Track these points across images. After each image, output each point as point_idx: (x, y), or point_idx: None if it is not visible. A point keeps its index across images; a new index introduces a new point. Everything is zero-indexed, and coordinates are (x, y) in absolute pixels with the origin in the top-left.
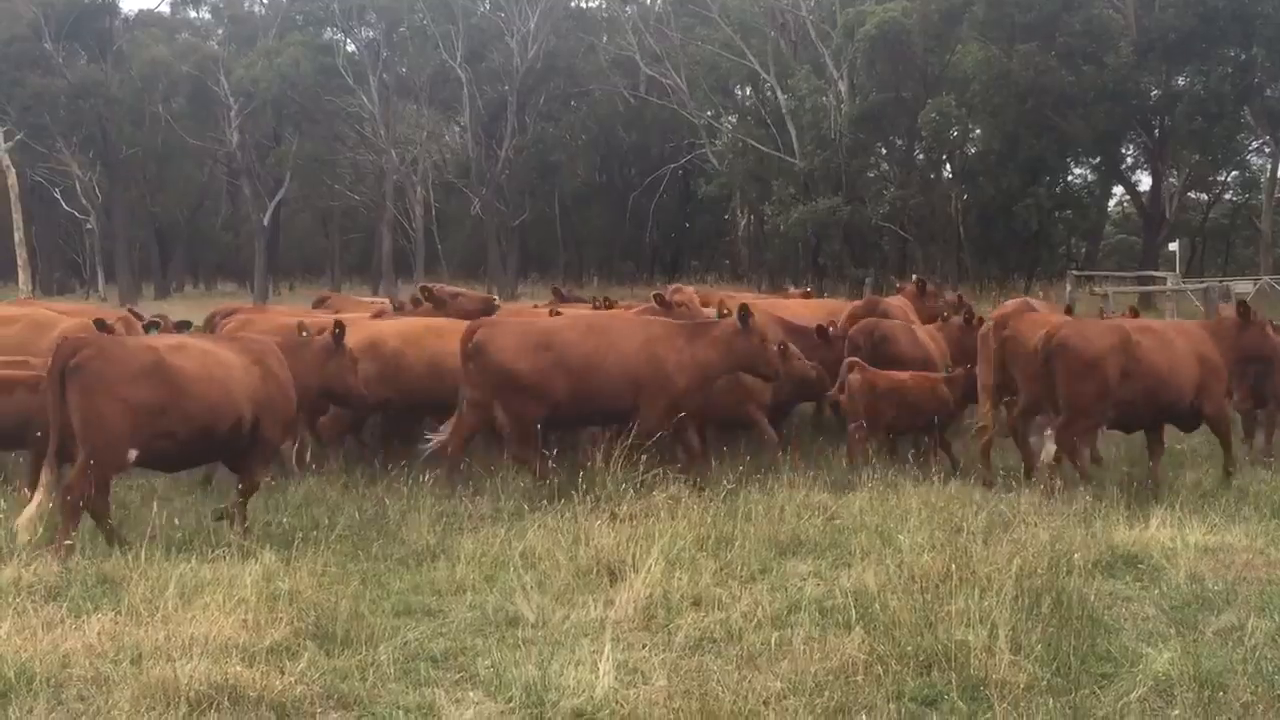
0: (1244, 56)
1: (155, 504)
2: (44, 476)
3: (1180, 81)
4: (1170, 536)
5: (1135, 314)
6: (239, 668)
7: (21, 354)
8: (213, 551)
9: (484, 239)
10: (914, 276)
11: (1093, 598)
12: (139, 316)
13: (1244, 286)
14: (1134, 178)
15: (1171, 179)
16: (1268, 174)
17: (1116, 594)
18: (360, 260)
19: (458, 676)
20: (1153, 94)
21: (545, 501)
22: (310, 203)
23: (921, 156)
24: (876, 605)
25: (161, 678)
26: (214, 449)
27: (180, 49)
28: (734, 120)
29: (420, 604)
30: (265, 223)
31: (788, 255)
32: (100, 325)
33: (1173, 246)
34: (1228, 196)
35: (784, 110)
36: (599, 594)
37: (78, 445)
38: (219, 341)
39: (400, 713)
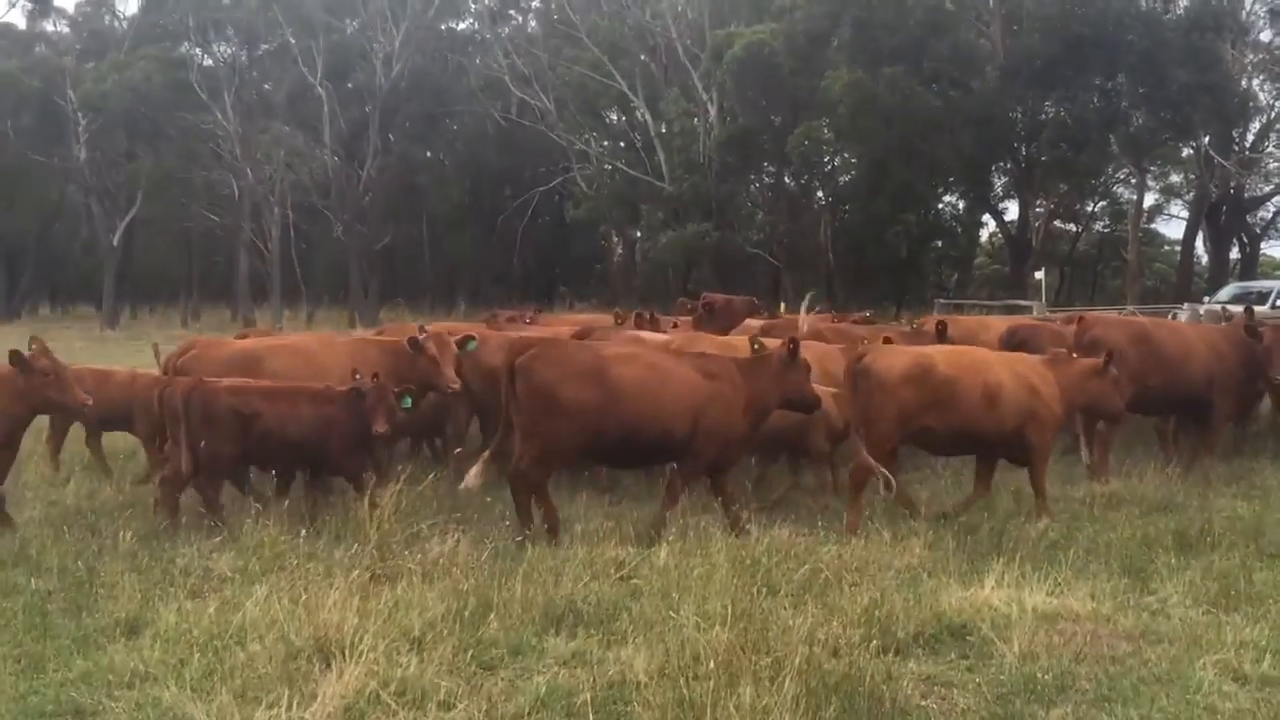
0: (1109, 84)
1: None
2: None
3: (1047, 108)
4: (1006, 599)
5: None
6: None
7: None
8: None
9: (346, 263)
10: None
11: (906, 686)
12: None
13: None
14: (1003, 206)
15: (1040, 208)
16: (1134, 205)
17: (936, 678)
18: (224, 284)
19: None
20: (1019, 120)
21: (293, 560)
22: (167, 224)
23: (791, 182)
24: (635, 704)
25: None
26: (643, 454)
27: (32, 63)
28: (605, 144)
29: (73, 703)
30: (115, 243)
31: (657, 282)
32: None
33: (1039, 275)
34: (1098, 227)
35: (653, 134)
36: (306, 685)
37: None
38: (676, 356)
39: None
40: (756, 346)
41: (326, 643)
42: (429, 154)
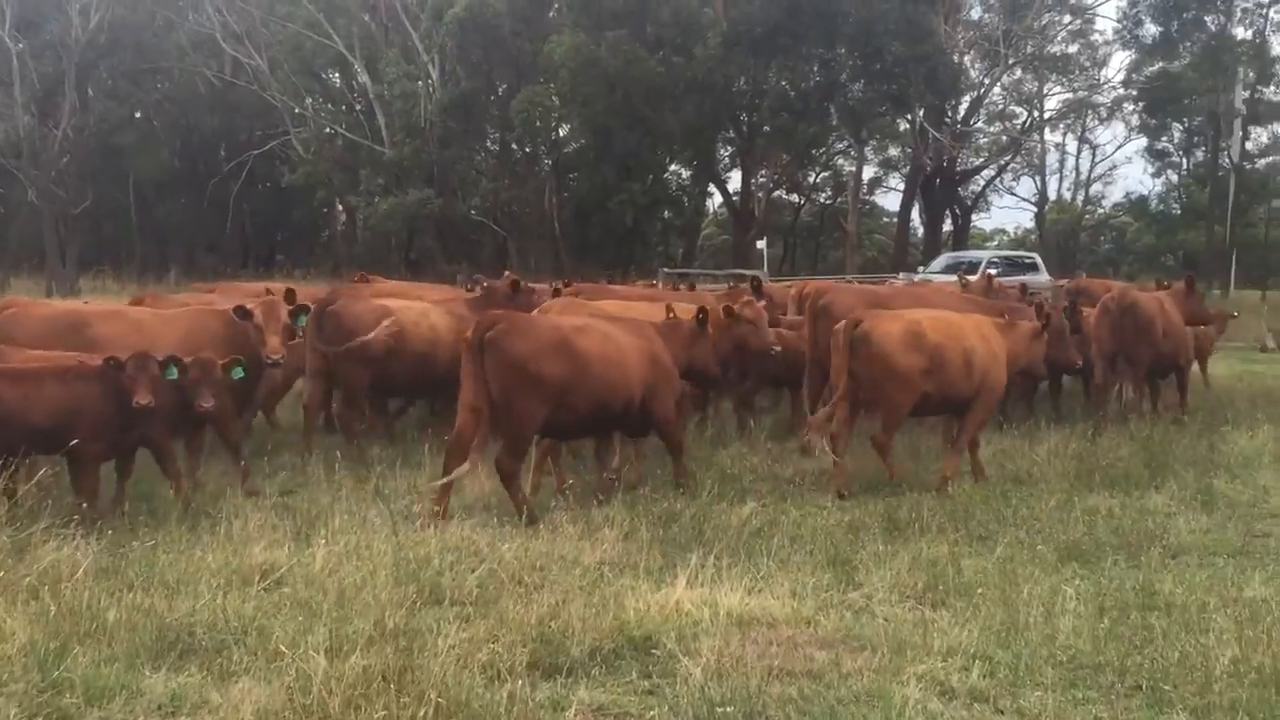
0: (828, 55)
1: None
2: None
3: (769, 77)
4: (699, 601)
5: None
6: None
7: None
8: None
9: (42, 228)
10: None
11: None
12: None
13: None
14: (728, 176)
15: (762, 178)
16: (853, 176)
17: (607, 708)
18: None
19: None
20: (742, 89)
21: None
22: None
23: (516, 148)
24: None
25: None
26: (608, 424)
27: None
28: (329, 107)
29: None
30: None
31: (379, 249)
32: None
33: (761, 245)
34: (820, 198)
35: (372, 96)
36: None
37: None
38: (614, 324)
39: None
40: (670, 315)
41: None
42: (136, 114)
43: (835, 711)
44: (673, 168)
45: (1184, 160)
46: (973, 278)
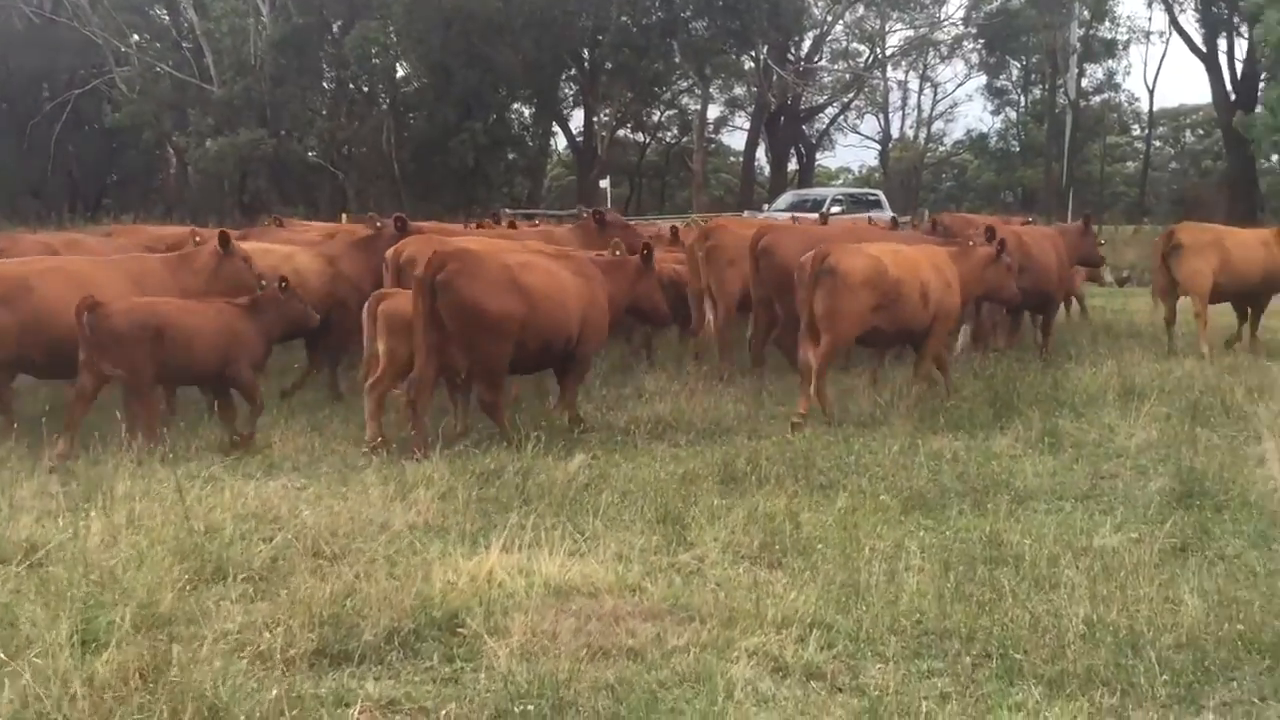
0: None
1: None
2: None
3: (610, 13)
4: (514, 569)
5: None
6: None
7: None
8: None
9: None
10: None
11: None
12: None
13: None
14: (570, 115)
15: (605, 116)
16: (699, 115)
17: (397, 704)
18: None
19: None
20: (582, 25)
21: None
22: None
23: (353, 87)
24: None
25: None
26: (547, 362)
27: None
28: (154, 44)
29: None
30: None
31: (211, 192)
32: None
33: (603, 184)
34: (666, 138)
35: (200, 33)
36: None
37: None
38: (556, 260)
39: None
40: (618, 252)
41: None
42: None
43: (655, 698)
44: (515, 107)
45: (1022, 98)
46: (810, 216)
